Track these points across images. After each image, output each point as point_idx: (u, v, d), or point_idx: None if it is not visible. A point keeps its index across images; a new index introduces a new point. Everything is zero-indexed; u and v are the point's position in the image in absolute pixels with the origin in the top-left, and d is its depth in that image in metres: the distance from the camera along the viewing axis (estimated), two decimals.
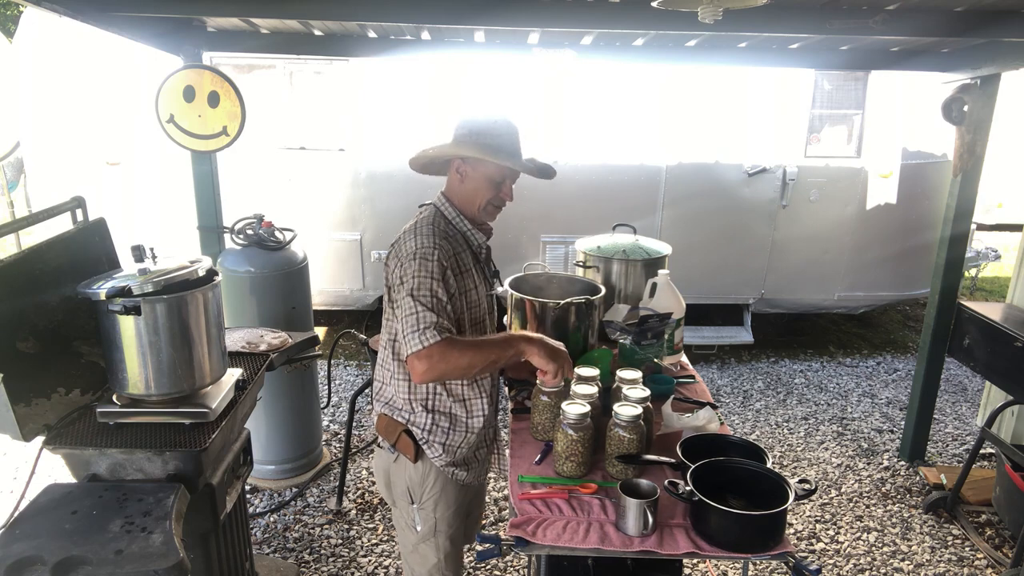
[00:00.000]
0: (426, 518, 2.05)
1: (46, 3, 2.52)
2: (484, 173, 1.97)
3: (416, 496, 2.04)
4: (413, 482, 2.03)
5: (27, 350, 1.93)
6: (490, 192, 2.00)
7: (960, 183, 3.77)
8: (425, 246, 1.86)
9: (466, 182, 1.99)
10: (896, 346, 6.19)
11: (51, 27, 4.86)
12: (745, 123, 5.29)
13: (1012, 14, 2.91)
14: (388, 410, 2.04)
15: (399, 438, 1.99)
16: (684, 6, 2.32)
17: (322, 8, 2.96)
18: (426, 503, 2.04)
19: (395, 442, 2.00)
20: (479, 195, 2.00)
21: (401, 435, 1.99)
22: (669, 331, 2.71)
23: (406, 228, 1.96)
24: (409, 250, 1.86)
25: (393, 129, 5.16)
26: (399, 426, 2.00)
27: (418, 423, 1.99)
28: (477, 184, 1.98)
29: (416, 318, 1.78)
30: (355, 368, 5.45)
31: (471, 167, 1.97)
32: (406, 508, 2.07)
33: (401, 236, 1.94)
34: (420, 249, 1.85)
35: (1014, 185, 10.72)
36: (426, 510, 2.04)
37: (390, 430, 2.01)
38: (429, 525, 2.05)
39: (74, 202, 2.26)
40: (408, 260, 1.85)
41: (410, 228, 1.95)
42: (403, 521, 2.10)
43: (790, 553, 1.71)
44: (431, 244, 1.87)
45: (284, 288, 3.62)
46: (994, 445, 3.47)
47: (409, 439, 1.99)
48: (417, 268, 1.83)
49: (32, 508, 1.79)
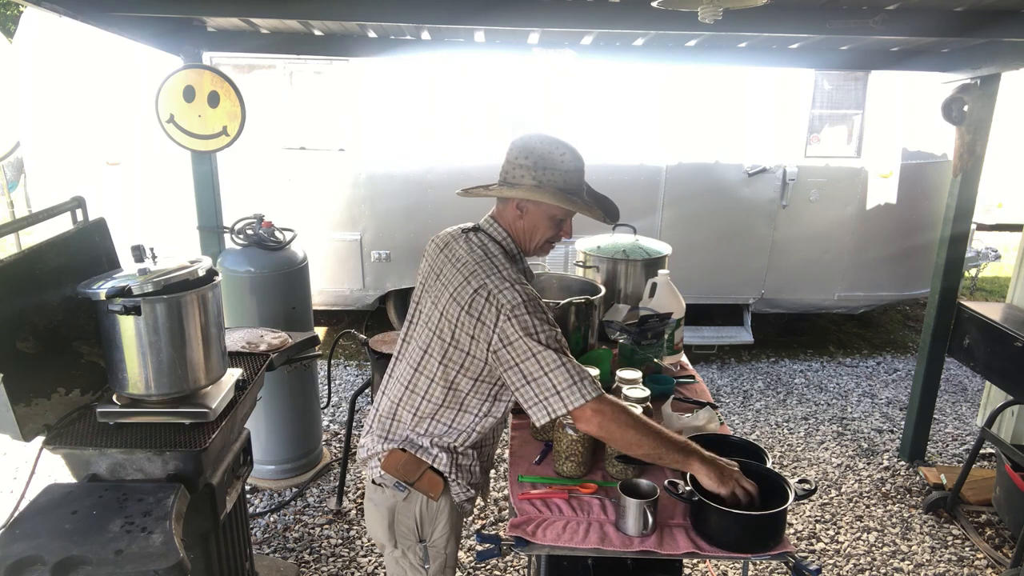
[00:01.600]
0: (436, 555, 1.92)
1: (46, 3, 2.52)
2: (547, 212, 1.82)
3: (426, 533, 1.89)
4: (424, 519, 1.88)
5: (27, 350, 1.93)
6: (551, 231, 1.86)
7: (960, 183, 3.77)
8: (530, 294, 1.71)
9: (526, 218, 1.83)
10: (896, 346, 6.19)
11: (51, 27, 4.86)
12: (745, 123, 5.29)
13: (1012, 14, 2.91)
14: (407, 447, 1.86)
15: (423, 476, 1.83)
16: (684, 6, 2.32)
17: (322, 8, 2.96)
18: (437, 540, 1.90)
19: (415, 480, 1.83)
20: (538, 232, 1.85)
21: (426, 473, 1.83)
22: (669, 331, 2.71)
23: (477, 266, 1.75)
24: (511, 300, 1.67)
25: (393, 129, 5.16)
26: (422, 464, 1.83)
27: (443, 463, 1.84)
28: (537, 222, 1.83)
29: (567, 370, 1.64)
30: (355, 368, 5.45)
31: (535, 205, 1.80)
32: (411, 547, 1.91)
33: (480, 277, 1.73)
34: (528, 297, 1.69)
35: (1014, 185, 10.71)
36: (437, 547, 1.91)
37: (409, 468, 1.83)
38: (440, 562, 1.92)
39: (74, 202, 2.26)
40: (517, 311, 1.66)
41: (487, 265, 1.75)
42: (406, 562, 1.93)
43: (790, 553, 1.71)
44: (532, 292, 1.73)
45: (284, 288, 3.62)
46: (994, 445, 3.47)
47: (436, 476, 1.83)
48: (539, 319, 1.67)
49: (32, 508, 1.79)
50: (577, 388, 1.65)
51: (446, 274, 1.81)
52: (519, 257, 1.89)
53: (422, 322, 1.85)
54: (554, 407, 1.66)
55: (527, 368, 1.66)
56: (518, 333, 1.66)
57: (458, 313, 1.73)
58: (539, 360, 1.65)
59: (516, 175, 1.79)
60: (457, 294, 1.74)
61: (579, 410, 1.65)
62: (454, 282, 1.76)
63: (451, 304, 1.75)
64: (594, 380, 1.69)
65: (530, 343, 1.65)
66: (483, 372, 1.77)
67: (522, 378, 1.67)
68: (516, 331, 1.66)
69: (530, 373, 1.66)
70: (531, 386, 1.67)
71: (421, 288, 1.92)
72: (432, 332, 1.80)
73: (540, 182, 1.77)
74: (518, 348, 1.66)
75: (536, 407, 1.68)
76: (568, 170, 1.79)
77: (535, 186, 1.77)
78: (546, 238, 1.87)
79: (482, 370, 1.77)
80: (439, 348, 1.78)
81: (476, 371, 1.77)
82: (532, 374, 1.66)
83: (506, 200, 1.84)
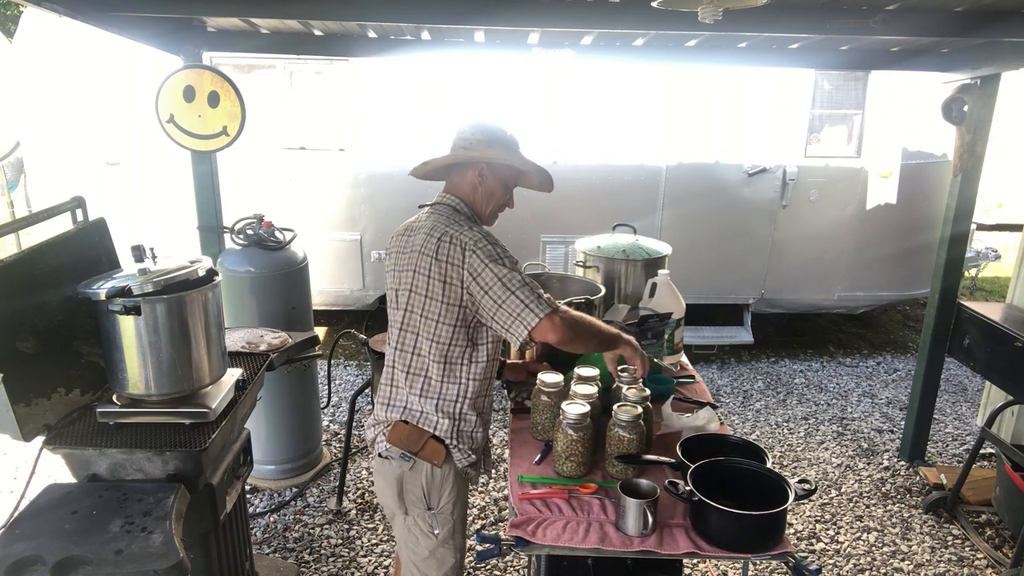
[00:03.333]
0: (444, 521, 2.01)
1: (46, 3, 2.52)
2: (501, 178, 2.03)
3: (434, 501, 1.99)
4: (431, 487, 1.98)
5: (27, 350, 1.93)
6: (503, 196, 2.07)
7: (960, 183, 3.77)
8: (488, 234, 1.91)
9: (484, 184, 2.02)
10: (896, 346, 6.19)
11: (51, 27, 4.86)
12: (745, 123, 5.29)
13: (1012, 14, 2.91)
14: (408, 417, 1.99)
15: (425, 444, 1.95)
16: (684, 6, 2.32)
17: (322, 8, 2.96)
18: (444, 506, 2.00)
19: (419, 449, 1.94)
20: (493, 199, 2.05)
21: (428, 441, 1.95)
22: (669, 331, 2.71)
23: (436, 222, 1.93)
24: (472, 236, 1.87)
25: (393, 129, 5.16)
26: (424, 433, 1.96)
27: (444, 427, 1.96)
28: (493, 188, 2.03)
29: (530, 288, 1.84)
30: (355, 368, 5.45)
31: (492, 171, 2.01)
32: (421, 515, 2.01)
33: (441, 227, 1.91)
34: (484, 233, 1.90)
35: (1014, 185, 10.71)
36: (444, 513, 2.00)
37: (413, 438, 1.96)
38: (448, 528, 2.02)
39: (74, 202, 2.26)
40: (479, 244, 1.86)
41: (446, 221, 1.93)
42: (417, 529, 2.03)
43: (790, 553, 1.71)
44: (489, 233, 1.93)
45: (284, 288, 3.62)
46: (994, 445, 3.47)
47: (438, 444, 1.95)
48: (493, 248, 1.87)
49: (32, 508, 1.79)
50: (543, 300, 1.85)
51: (411, 241, 1.98)
52: (476, 221, 2.03)
53: (402, 290, 2.00)
54: (528, 320, 1.82)
55: (496, 293, 1.84)
56: (484, 262, 1.84)
57: (429, 264, 1.90)
58: (505, 282, 1.84)
59: (472, 145, 2.00)
60: (424, 247, 1.91)
61: (546, 318, 1.83)
62: (419, 240, 1.94)
63: (421, 258, 1.92)
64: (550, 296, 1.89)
65: (495, 268, 1.84)
66: (459, 317, 1.91)
67: (494, 303, 1.85)
68: (482, 260, 1.84)
69: (499, 296, 1.84)
70: (503, 307, 1.84)
71: (391, 271, 2.09)
72: (409, 290, 1.96)
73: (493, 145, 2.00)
74: (486, 276, 1.84)
75: (512, 326, 1.84)
76: (513, 143, 2.05)
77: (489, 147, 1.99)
78: (499, 204, 2.08)
79: (458, 315, 1.91)
80: (418, 304, 1.94)
81: (453, 317, 1.91)
82: (500, 297, 1.84)
83: (463, 171, 2.03)
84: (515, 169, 2.05)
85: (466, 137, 2.02)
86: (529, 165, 2.03)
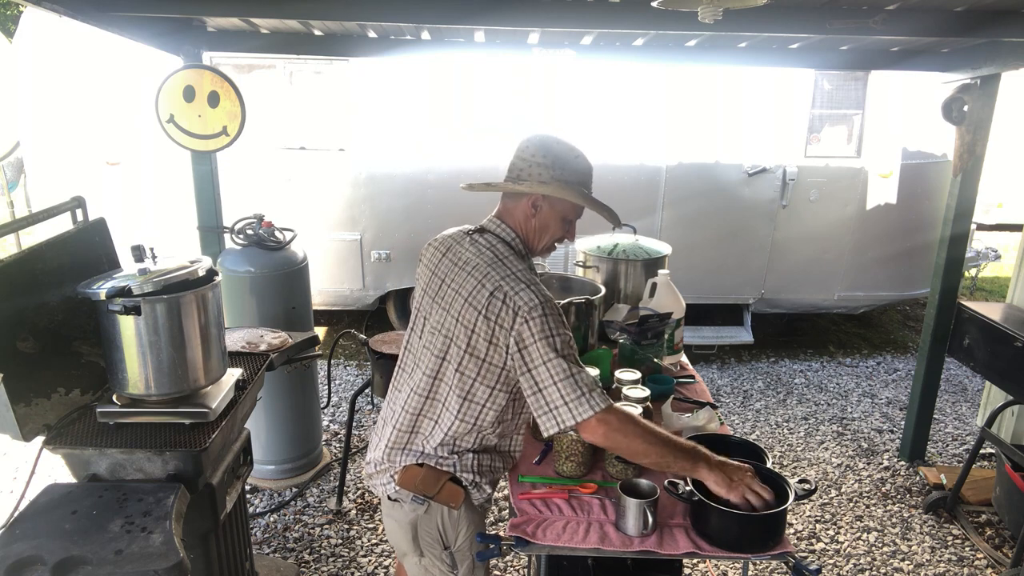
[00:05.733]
0: (463, 558, 1.90)
1: (46, 3, 2.52)
2: (561, 211, 1.82)
3: (451, 540, 1.87)
4: (447, 527, 1.86)
5: (27, 350, 1.93)
6: (560, 231, 1.86)
7: (960, 183, 3.77)
8: (546, 295, 1.70)
9: (538, 216, 1.81)
10: (896, 346, 6.19)
11: (51, 27, 4.86)
12: (745, 123, 5.29)
13: (1012, 14, 2.91)
14: (424, 460, 1.84)
15: (442, 488, 1.81)
16: (684, 6, 2.32)
17: (322, 8, 2.96)
18: (462, 545, 1.89)
19: (436, 493, 1.80)
20: (548, 232, 1.85)
21: (446, 484, 1.81)
22: (669, 331, 2.71)
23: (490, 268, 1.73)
24: (529, 302, 1.66)
25: (393, 129, 5.16)
26: (443, 475, 1.82)
27: (467, 466, 1.83)
28: (548, 221, 1.83)
29: (575, 381, 1.63)
30: (355, 368, 5.45)
31: (550, 204, 1.80)
32: (439, 555, 1.89)
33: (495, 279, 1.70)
34: (544, 301, 1.67)
35: (1014, 185, 10.72)
36: (462, 551, 1.89)
37: (429, 481, 1.80)
38: (467, 564, 1.91)
39: (74, 202, 2.26)
40: (534, 313, 1.65)
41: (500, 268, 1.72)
42: (434, 569, 1.91)
43: (790, 553, 1.71)
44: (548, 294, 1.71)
45: (284, 288, 3.62)
46: (994, 445, 3.47)
47: (457, 486, 1.82)
48: (555, 322, 1.66)
49: (32, 508, 1.79)
50: (586, 399, 1.63)
51: (456, 279, 1.78)
52: (527, 257, 1.87)
53: (435, 330, 1.81)
54: (562, 418, 1.64)
55: (538, 375, 1.65)
56: (534, 337, 1.64)
57: (475, 318, 1.70)
58: (549, 368, 1.64)
59: (532, 172, 1.78)
60: (472, 298, 1.71)
61: (585, 422, 1.64)
62: (467, 286, 1.74)
63: (467, 309, 1.72)
64: (602, 391, 1.68)
65: (544, 348, 1.64)
66: (499, 379, 1.75)
67: (533, 385, 1.67)
68: (532, 334, 1.65)
69: (540, 381, 1.65)
70: (541, 395, 1.66)
71: (423, 294, 1.89)
72: (448, 339, 1.77)
73: (556, 180, 1.77)
74: (532, 353, 1.65)
75: (544, 417, 1.67)
76: (583, 171, 1.81)
77: (552, 182, 1.76)
78: (555, 238, 1.87)
79: (499, 377, 1.75)
80: (456, 355, 1.76)
81: (492, 379, 1.75)
82: (542, 382, 1.65)
83: (517, 198, 1.82)
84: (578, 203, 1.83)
85: (527, 158, 1.78)
86: (594, 204, 1.81)
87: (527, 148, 1.80)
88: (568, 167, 1.78)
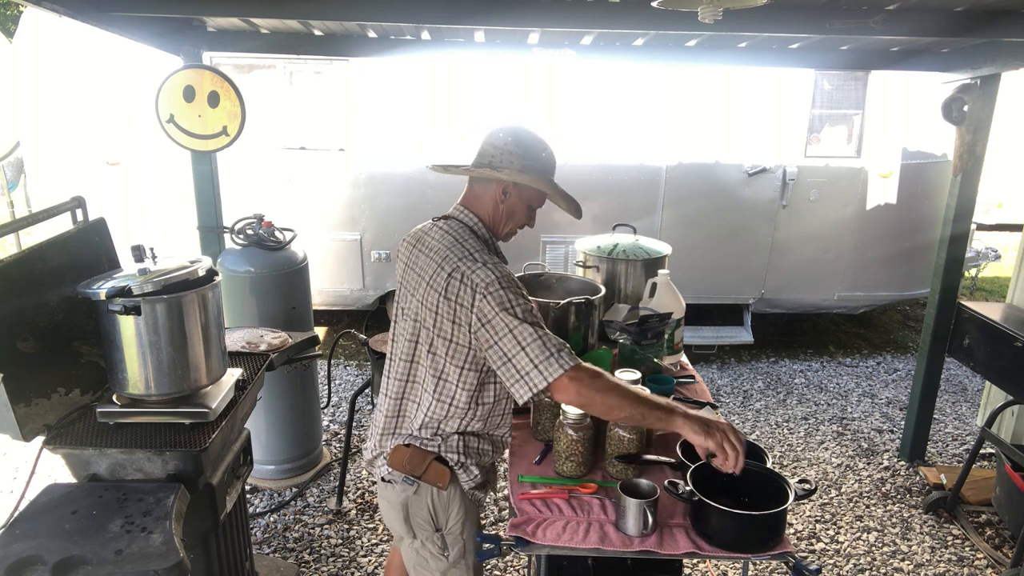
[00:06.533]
0: (454, 541, 1.94)
1: (46, 3, 2.52)
2: (526, 198, 1.90)
3: (441, 521, 1.92)
4: (437, 508, 1.91)
5: (27, 350, 1.93)
6: (524, 218, 1.95)
7: (960, 183, 3.77)
8: (504, 271, 1.75)
9: (507, 202, 1.89)
10: (896, 346, 6.19)
11: (51, 27, 4.86)
12: (745, 123, 5.29)
13: (1012, 14, 2.91)
14: (411, 441, 1.90)
15: (428, 468, 1.85)
16: (684, 6, 2.32)
17: (322, 8, 2.96)
18: (453, 527, 1.93)
19: (423, 473, 1.86)
20: (513, 218, 1.93)
21: (432, 464, 1.86)
22: (669, 331, 2.71)
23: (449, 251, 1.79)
24: (485, 278, 1.71)
25: (393, 129, 5.16)
26: (428, 455, 1.87)
27: (452, 447, 1.87)
28: (515, 207, 1.91)
29: (543, 343, 1.66)
30: (355, 368, 5.45)
31: (518, 191, 1.88)
32: (429, 537, 1.94)
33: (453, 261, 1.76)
34: (499, 275, 1.73)
35: (1014, 185, 10.72)
36: (454, 534, 1.94)
37: (416, 461, 1.86)
38: (459, 548, 1.94)
39: (74, 202, 2.26)
40: (492, 288, 1.70)
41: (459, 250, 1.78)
42: (425, 551, 1.96)
43: (790, 553, 1.71)
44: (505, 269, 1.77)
45: (284, 288, 3.62)
46: (994, 445, 3.47)
47: (442, 466, 1.86)
48: (514, 294, 1.71)
49: (32, 508, 1.79)
50: (555, 359, 1.66)
51: (420, 264, 1.85)
52: (491, 241, 1.93)
53: (406, 316, 1.90)
54: (534, 382, 1.66)
55: (505, 346, 1.68)
56: (495, 310, 1.69)
57: (437, 300, 1.77)
58: (515, 335, 1.67)
59: (504, 160, 1.85)
60: (433, 281, 1.78)
61: (557, 381, 1.66)
62: (428, 270, 1.81)
63: (429, 292, 1.79)
64: (571, 350, 1.70)
65: (506, 318, 1.68)
66: (467, 359, 1.79)
67: (502, 356, 1.69)
68: (492, 307, 1.69)
69: (508, 350, 1.68)
70: (510, 364, 1.69)
71: (400, 286, 1.98)
72: (417, 323, 1.85)
73: (525, 168, 1.85)
74: (496, 325, 1.69)
75: (517, 384, 1.69)
76: (550, 162, 1.92)
77: (521, 171, 1.84)
78: (518, 224, 1.95)
79: (466, 357, 1.79)
80: (425, 338, 1.83)
81: (460, 359, 1.80)
82: (510, 351, 1.68)
83: (486, 185, 1.89)
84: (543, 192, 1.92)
85: (498, 146, 1.86)
86: (560, 194, 1.90)
87: (499, 136, 1.88)
88: (538, 158, 1.87)
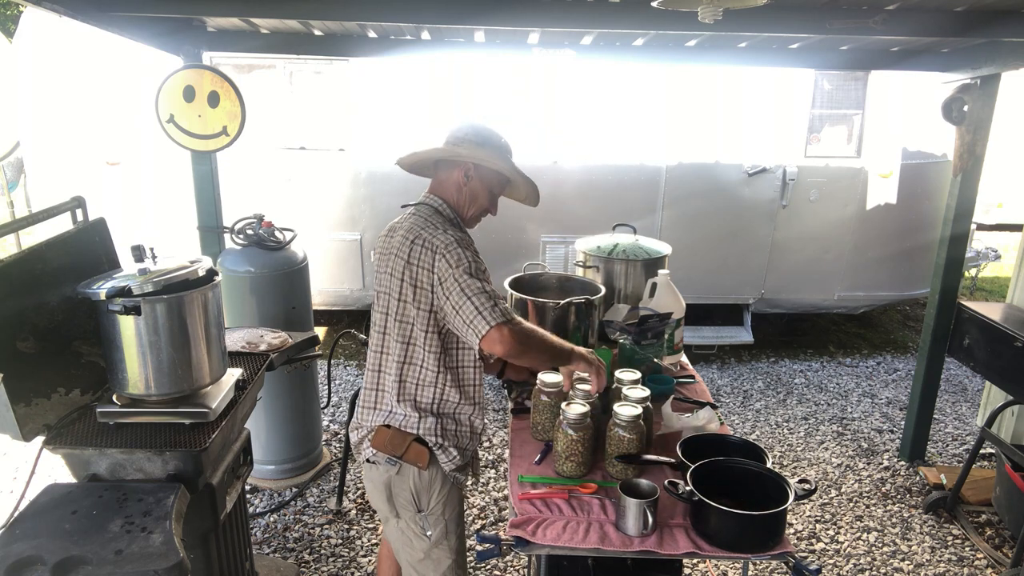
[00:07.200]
0: (436, 522, 2.02)
1: (46, 3, 2.52)
2: (487, 182, 2.03)
3: (423, 503, 2.01)
4: (419, 489, 1.99)
5: (27, 350, 1.93)
6: (487, 201, 2.06)
7: (960, 183, 3.77)
8: (461, 236, 1.91)
9: (468, 186, 2.01)
10: (896, 346, 6.19)
11: (51, 27, 4.86)
12: (745, 123, 5.29)
13: (1012, 14, 2.91)
14: (391, 421, 1.99)
15: (408, 448, 1.95)
16: (684, 6, 2.32)
17: (322, 8, 2.96)
18: (435, 508, 2.01)
19: (403, 453, 1.95)
20: (476, 202, 2.05)
21: (411, 444, 1.95)
22: (669, 331, 2.71)
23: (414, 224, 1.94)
24: (444, 240, 1.86)
25: (393, 129, 5.16)
26: (408, 436, 1.96)
27: (429, 429, 1.96)
28: (477, 191, 2.03)
29: (486, 296, 1.82)
30: (355, 368, 5.45)
31: (478, 174, 2.01)
32: (412, 517, 2.03)
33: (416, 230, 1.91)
34: (458, 238, 1.88)
35: (1014, 185, 10.72)
36: (435, 515, 2.02)
37: (396, 442, 1.96)
38: (440, 529, 2.03)
39: (74, 202, 2.26)
40: (450, 248, 1.85)
41: (423, 223, 1.93)
42: (409, 531, 2.05)
43: (790, 553, 1.71)
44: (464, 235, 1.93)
45: (284, 288, 3.62)
46: (994, 445, 3.47)
47: (422, 447, 1.95)
48: (463, 253, 1.85)
49: (32, 508, 1.79)
50: (499, 309, 1.82)
51: (393, 245, 1.98)
52: (457, 221, 2.04)
53: (382, 293, 2.02)
54: (479, 327, 1.80)
55: (456, 298, 1.83)
56: (451, 267, 1.83)
57: (402, 267, 1.91)
58: (464, 288, 1.82)
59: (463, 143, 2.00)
60: (399, 251, 1.93)
61: (498, 327, 1.79)
62: (395, 243, 1.96)
63: (395, 261, 1.94)
64: (507, 307, 1.86)
65: (460, 274, 1.82)
66: (429, 323, 1.92)
67: (454, 307, 1.84)
68: (450, 264, 1.84)
69: (457, 302, 1.83)
70: (459, 313, 1.83)
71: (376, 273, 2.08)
72: (388, 295, 1.98)
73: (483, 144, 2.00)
74: (449, 281, 1.83)
75: (466, 330, 1.83)
76: (505, 146, 2.05)
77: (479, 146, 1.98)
78: (482, 209, 2.07)
79: (428, 319, 1.91)
80: (394, 308, 1.96)
81: (424, 322, 1.92)
82: (459, 303, 1.83)
83: (450, 170, 2.02)
84: (503, 176, 2.04)
85: (458, 135, 2.01)
86: (517, 174, 2.03)
87: (459, 129, 2.03)
88: (496, 146, 2.02)
